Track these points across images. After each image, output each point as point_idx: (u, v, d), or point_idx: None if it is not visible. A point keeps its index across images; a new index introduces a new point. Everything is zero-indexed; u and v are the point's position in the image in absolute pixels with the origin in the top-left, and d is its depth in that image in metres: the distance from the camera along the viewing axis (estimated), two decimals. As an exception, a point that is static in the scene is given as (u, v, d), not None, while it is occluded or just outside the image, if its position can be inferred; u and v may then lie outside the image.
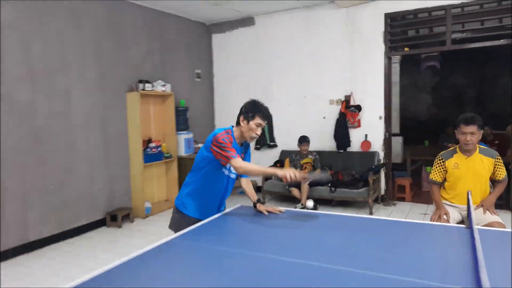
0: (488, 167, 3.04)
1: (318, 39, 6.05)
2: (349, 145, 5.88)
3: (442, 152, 3.26)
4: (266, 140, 6.53)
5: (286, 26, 6.31)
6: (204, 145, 2.35)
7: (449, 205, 3.17)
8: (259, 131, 2.30)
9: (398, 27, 5.56)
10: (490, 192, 3.12)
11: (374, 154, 5.69)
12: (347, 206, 5.58)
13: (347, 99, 5.87)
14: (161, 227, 4.84)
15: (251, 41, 6.67)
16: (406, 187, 5.88)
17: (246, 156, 2.49)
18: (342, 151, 5.90)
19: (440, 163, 3.19)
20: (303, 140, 5.59)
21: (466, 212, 3.09)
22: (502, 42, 4.91)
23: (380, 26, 5.57)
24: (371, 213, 5.14)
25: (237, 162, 2.19)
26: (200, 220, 2.31)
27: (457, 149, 3.13)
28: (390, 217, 5.03)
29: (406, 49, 5.55)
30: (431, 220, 3.06)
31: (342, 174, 5.51)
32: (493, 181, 3.10)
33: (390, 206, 5.60)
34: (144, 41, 5.68)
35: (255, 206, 2.51)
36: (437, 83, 9.54)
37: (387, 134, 5.72)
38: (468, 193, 2.60)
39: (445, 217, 3.03)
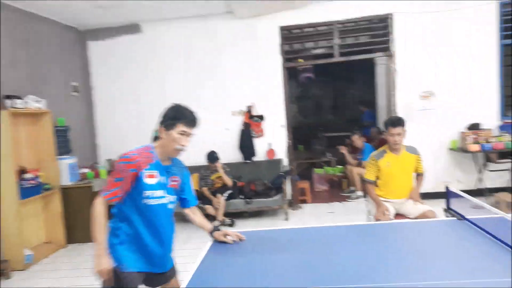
0: (413, 163, 3.43)
1: (218, 49, 5.90)
2: (254, 155, 5.89)
3: (374, 153, 3.53)
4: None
5: (181, 35, 5.96)
6: None
7: (385, 200, 3.43)
8: (185, 141, 1.89)
9: (292, 40, 5.87)
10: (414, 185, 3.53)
11: (279, 161, 5.84)
12: (260, 215, 5.55)
13: (250, 109, 5.88)
14: (53, 279, 3.88)
15: (139, 50, 6.06)
16: (306, 190, 6.23)
17: (185, 188, 2.06)
18: (248, 161, 5.86)
19: (374, 163, 3.44)
20: (215, 159, 5.26)
21: (400, 205, 3.41)
22: (380, 55, 5.71)
23: (276, 38, 5.79)
24: (287, 219, 5.24)
25: (97, 202, 1.84)
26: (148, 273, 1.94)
27: (387, 149, 3.44)
28: (305, 219, 5.23)
29: (300, 60, 5.92)
30: (376, 219, 3.26)
31: (255, 184, 5.46)
32: (417, 174, 3.52)
33: (298, 210, 5.82)
34: (6, 47, 4.51)
35: (211, 235, 2.15)
36: (300, 93, 10.55)
37: (289, 141, 5.95)
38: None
39: (386, 213, 3.27)
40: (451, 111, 5.52)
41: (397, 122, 3.31)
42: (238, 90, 5.92)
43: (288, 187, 5.89)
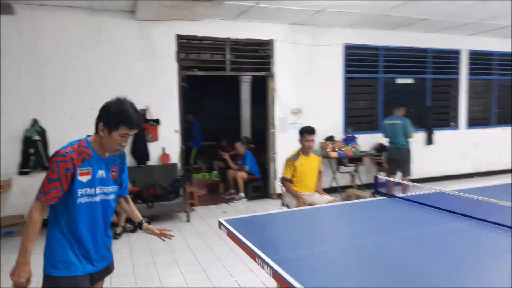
0: (318, 163, 4.35)
1: (109, 48, 5.59)
2: (148, 159, 5.83)
3: (290, 156, 4.29)
4: (42, 161, 5.24)
5: (65, 26, 5.37)
6: None
7: (299, 195, 4.20)
8: (125, 142, 1.86)
9: (189, 49, 6.15)
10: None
11: (175, 165, 5.97)
12: (160, 219, 5.54)
13: (143, 113, 5.81)
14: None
15: (10, 36, 5.14)
16: (194, 194, 6.52)
17: (123, 176, 2.04)
18: (142, 165, 5.76)
19: (291, 164, 4.19)
20: None
21: (310, 197, 4.24)
22: (264, 74, 6.60)
23: (173, 46, 5.95)
24: (188, 220, 5.44)
25: (33, 208, 1.76)
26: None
27: (300, 153, 4.24)
28: (207, 220, 5.55)
29: (195, 70, 6.24)
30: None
31: (154, 189, 5.43)
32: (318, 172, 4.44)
33: (193, 212, 6.07)
34: None
35: (140, 227, 2.13)
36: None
37: (182, 146, 6.15)
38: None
39: (306, 203, 4.04)
40: (313, 125, 6.87)
41: (312, 131, 4.17)
42: (131, 92, 5.68)
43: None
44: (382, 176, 3.48)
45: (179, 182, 5.59)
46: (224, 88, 9.75)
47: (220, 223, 2.51)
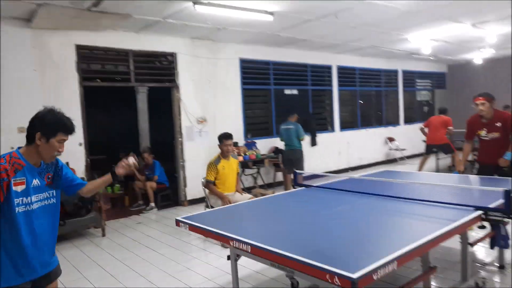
0: (236, 165, 4.84)
1: (-1, 56, 5.09)
2: (51, 176, 5.45)
3: (212, 160, 4.68)
4: None
5: None
6: None
7: (224, 195, 4.61)
8: (62, 148, 1.99)
9: (91, 59, 5.96)
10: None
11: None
12: (74, 237, 5.24)
13: (43, 126, 5.41)
14: None
15: None
16: (102, 207, 6.28)
17: (64, 177, 2.15)
18: (45, 183, 5.35)
19: (214, 167, 4.60)
20: None
21: (231, 197, 4.69)
22: (168, 85, 6.79)
23: (72, 56, 5.71)
24: (104, 235, 5.30)
25: None
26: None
27: (221, 157, 4.68)
28: (123, 231, 5.47)
29: (98, 80, 6.07)
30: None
31: (63, 205, 5.12)
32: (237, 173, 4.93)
33: (106, 226, 5.87)
34: None
35: (114, 173, 2.30)
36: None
37: (88, 160, 5.91)
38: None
39: (230, 202, 4.47)
40: (216, 132, 7.32)
41: (229, 136, 4.66)
42: (27, 104, 5.32)
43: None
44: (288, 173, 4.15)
45: (94, 197, 5.39)
46: (116, 99, 9.46)
47: (178, 221, 2.76)
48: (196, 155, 7.05)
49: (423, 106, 12.66)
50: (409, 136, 11.31)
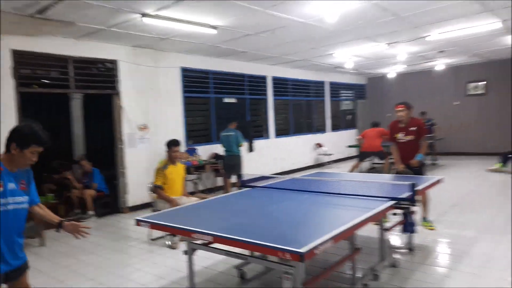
0: (183, 170, 5.10)
1: None
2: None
3: (159, 166, 4.89)
4: None
5: None
6: None
7: (172, 198, 4.83)
8: (35, 158, 2.21)
9: (28, 65, 5.78)
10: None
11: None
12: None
13: (-26, 133, 5.15)
14: None
15: None
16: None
17: (31, 188, 2.34)
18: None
19: (161, 173, 4.82)
20: None
21: (179, 200, 4.93)
22: (110, 92, 6.77)
23: (7, 61, 5.51)
24: (43, 244, 5.17)
25: None
26: None
27: (169, 162, 4.92)
28: (65, 240, 5.38)
29: (35, 86, 5.89)
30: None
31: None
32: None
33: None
34: None
35: (60, 226, 2.43)
36: None
37: (24, 167, 5.69)
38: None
39: (179, 205, 4.71)
40: (158, 138, 7.47)
41: (177, 143, 4.94)
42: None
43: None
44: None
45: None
46: (50, 105, 9.05)
47: (139, 221, 2.99)
48: (137, 161, 7.11)
49: (347, 115, 13.92)
50: (335, 142, 12.43)
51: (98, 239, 5.42)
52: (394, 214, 3.61)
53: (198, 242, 3.00)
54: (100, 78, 6.80)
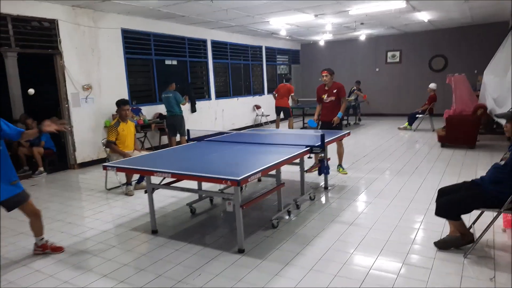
0: (134, 128, 5.66)
1: None
2: None
3: (112, 123, 5.41)
4: None
5: None
6: None
7: (126, 152, 5.40)
8: None
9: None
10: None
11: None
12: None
13: None
14: None
15: None
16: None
17: (6, 131, 3.11)
18: None
19: (114, 129, 5.35)
20: None
21: (132, 154, 5.52)
22: (52, 52, 6.84)
23: None
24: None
25: None
26: None
27: (120, 120, 5.44)
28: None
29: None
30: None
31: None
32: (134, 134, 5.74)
33: None
34: None
35: (41, 130, 3.14)
36: None
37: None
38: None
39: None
40: (103, 99, 7.78)
41: (126, 102, 5.46)
42: None
43: None
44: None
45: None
46: None
47: (106, 166, 3.63)
48: (83, 120, 7.41)
49: (282, 79, 14.89)
50: (272, 104, 13.40)
51: (55, 191, 5.86)
52: (309, 157, 4.63)
53: (156, 183, 3.73)
54: (41, 38, 6.84)
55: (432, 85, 10.37)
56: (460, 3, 8.42)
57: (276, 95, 10.21)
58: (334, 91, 5.92)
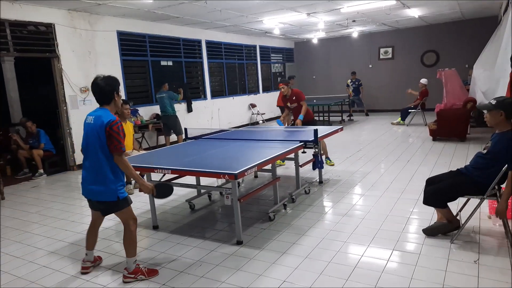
0: (131, 127, 5.79)
1: None
2: None
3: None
4: None
5: None
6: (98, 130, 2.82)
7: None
8: None
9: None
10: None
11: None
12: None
13: None
14: None
15: None
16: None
17: None
18: None
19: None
20: None
21: (131, 154, 5.65)
22: (49, 56, 6.96)
23: None
24: (3, 198, 5.61)
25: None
26: None
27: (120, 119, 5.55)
28: (19, 195, 5.86)
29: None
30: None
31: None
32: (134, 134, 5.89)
33: None
34: None
35: None
36: None
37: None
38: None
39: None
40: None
41: (127, 102, 5.59)
42: None
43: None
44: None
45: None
46: None
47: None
48: (81, 122, 7.46)
49: (277, 77, 15.05)
50: (267, 102, 13.57)
51: (57, 191, 5.98)
52: (303, 152, 4.79)
53: (156, 180, 3.87)
54: (38, 42, 6.95)
55: (423, 80, 10.56)
56: (449, -1, 8.61)
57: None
58: (294, 98, 6.27)
